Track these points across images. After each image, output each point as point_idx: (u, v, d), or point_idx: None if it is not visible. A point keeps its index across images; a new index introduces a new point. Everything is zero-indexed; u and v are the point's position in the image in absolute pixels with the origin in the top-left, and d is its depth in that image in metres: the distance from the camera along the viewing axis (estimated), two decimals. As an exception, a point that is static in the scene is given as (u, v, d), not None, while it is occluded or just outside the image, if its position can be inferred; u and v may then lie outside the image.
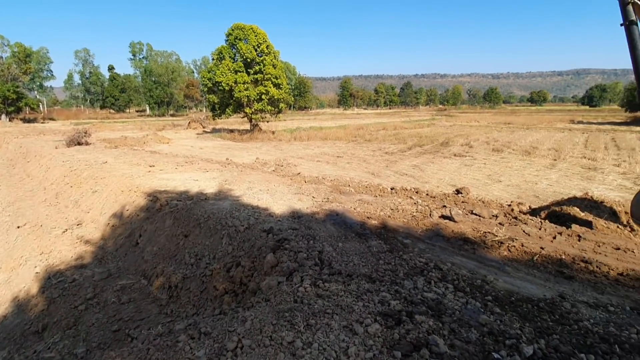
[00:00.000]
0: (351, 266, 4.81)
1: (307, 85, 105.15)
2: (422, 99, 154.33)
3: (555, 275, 4.68)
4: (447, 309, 3.71)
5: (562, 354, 3.04)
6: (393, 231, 6.24)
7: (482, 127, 45.41)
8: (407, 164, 19.16)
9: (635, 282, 4.48)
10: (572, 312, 3.71)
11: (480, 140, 28.81)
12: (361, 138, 31.09)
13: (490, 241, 5.67)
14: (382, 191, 11.01)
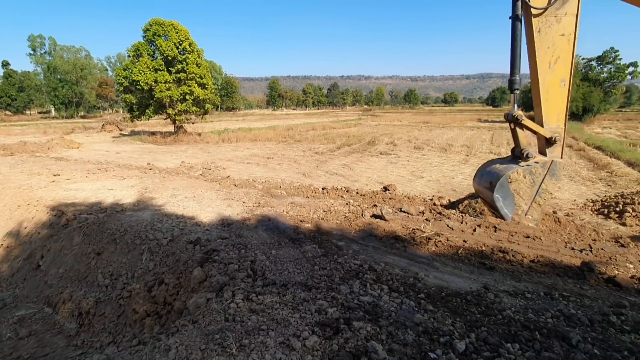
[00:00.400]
0: (286, 275, 4.61)
1: (234, 86, 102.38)
2: (349, 99, 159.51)
3: (478, 267, 4.98)
4: (383, 311, 3.69)
5: (491, 345, 3.17)
6: (327, 234, 6.18)
7: (404, 126, 48.21)
8: (337, 164, 19.49)
9: (545, 267, 4.94)
10: (496, 302, 3.93)
11: (403, 139, 30.49)
12: (291, 138, 31.01)
13: (419, 238, 5.87)
14: (314, 192, 10.99)
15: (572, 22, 6.27)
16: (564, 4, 6.15)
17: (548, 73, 6.47)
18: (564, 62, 6.45)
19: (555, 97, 6.61)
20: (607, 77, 50.28)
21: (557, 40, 6.33)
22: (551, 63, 6.43)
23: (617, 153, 20.20)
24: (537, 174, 6.65)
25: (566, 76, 6.52)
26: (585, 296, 4.15)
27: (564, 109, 6.71)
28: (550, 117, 6.69)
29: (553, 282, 4.55)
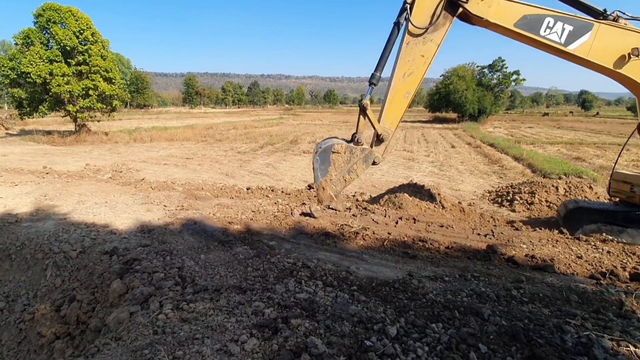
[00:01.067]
0: (218, 279, 4.45)
1: (146, 81, 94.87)
2: (270, 98, 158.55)
3: (402, 257, 5.36)
4: (320, 306, 3.78)
5: (419, 327, 3.45)
6: (258, 234, 6.10)
7: (325, 125, 49.51)
8: (261, 163, 19.30)
9: (458, 252, 5.51)
10: (420, 287, 4.28)
11: (325, 138, 31.30)
12: (211, 138, 29.83)
13: (347, 233, 6.11)
14: (239, 192, 10.76)
15: (433, 49, 7.08)
16: (434, 32, 6.93)
17: (400, 82, 7.21)
18: (415, 78, 7.22)
19: (397, 103, 7.37)
20: (497, 83, 57.47)
21: (417, 58, 7.10)
22: (405, 74, 7.18)
23: (506, 149, 23.28)
24: (355, 155, 7.36)
25: (412, 90, 7.32)
26: (492, 275, 4.74)
27: (400, 116, 7.51)
28: (387, 118, 7.40)
29: (465, 265, 5.10)
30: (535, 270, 5.02)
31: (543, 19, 6.70)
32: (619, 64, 6.79)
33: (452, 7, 6.79)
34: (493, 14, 6.72)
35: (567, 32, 6.71)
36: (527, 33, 6.76)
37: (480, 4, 6.69)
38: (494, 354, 3.09)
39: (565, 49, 6.78)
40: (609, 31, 6.72)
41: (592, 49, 6.75)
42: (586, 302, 4.07)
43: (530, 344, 3.20)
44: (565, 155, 22.05)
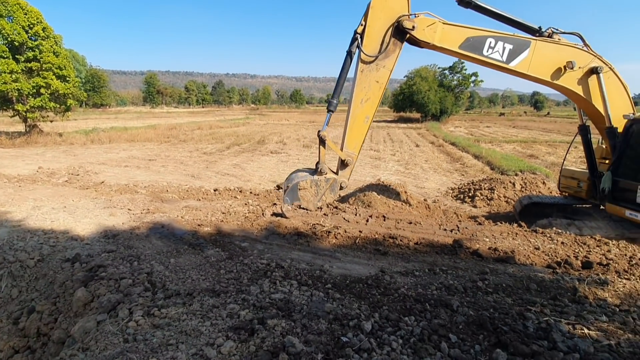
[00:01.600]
0: (190, 283, 4.36)
1: (103, 79, 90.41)
2: (235, 98, 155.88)
3: (374, 254, 5.49)
4: (295, 306, 3.80)
5: (392, 321, 3.56)
6: (229, 236, 6.02)
7: (292, 125, 49.42)
8: (228, 164, 18.98)
9: (426, 248, 5.71)
10: (392, 282, 4.41)
11: (292, 138, 31.27)
12: (175, 138, 28.95)
13: (319, 232, 6.16)
14: (206, 194, 10.55)
15: (387, 74, 7.43)
16: (385, 58, 7.28)
17: (358, 107, 7.53)
18: (372, 103, 7.57)
19: (358, 128, 7.69)
20: (457, 84, 59.80)
21: (373, 84, 7.44)
22: (363, 100, 7.51)
23: (467, 148, 24.30)
24: (321, 187, 7.66)
25: (370, 115, 7.66)
26: (459, 268, 4.96)
27: (361, 141, 7.85)
28: (349, 143, 7.73)
29: (434, 259, 5.31)
30: (498, 262, 5.30)
31: (485, 40, 7.17)
32: (556, 76, 7.36)
33: (400, 34, 7.13)
34: (439, 39, 7.14)
35: (507, 50, 7.22)
36: (471, 54, 7.23)
37: (426, 30, 7.07)
38: (463, 343, 3.26)
39: (507, 66, 7.29)
40: (545, 47, 7.29)
41: (531, 64, 7.29)
42: (544, 290, 4.36)
43: (496, 331, 3.39)
44: (521, 153, 23.34)
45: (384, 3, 7.09)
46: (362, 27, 7.15)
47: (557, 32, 7.56)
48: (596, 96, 7.46)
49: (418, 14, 7.12)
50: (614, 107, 7.46)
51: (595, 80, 7.35)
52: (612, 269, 4.97)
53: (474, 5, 7.51)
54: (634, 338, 3.41)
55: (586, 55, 7.36)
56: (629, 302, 4.09)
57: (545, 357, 3.06)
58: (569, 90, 7.57)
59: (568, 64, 7.25)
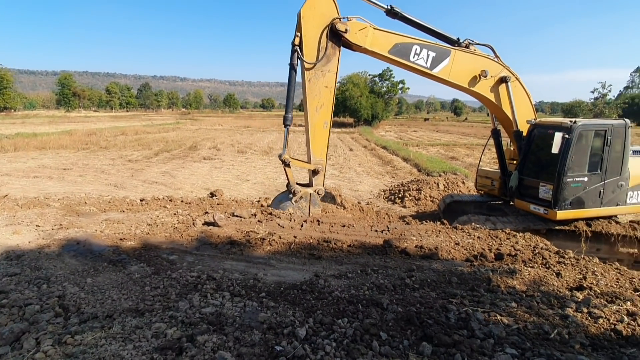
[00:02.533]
0: (110, 303, 4.00)
1: (6, 79, 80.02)
2: (164, 101, 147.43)
3: (308, 258, 5.52)
4: (228, 318, 3.68)
5: (326, 325, 3.60)
6: (156, 249, 5.64)
7: (226, 130, 48.10)
8: (156, 171, 17.88)
9: (359, 249, 5.89)
10: (326, 286, 4.47)
11: (226, 143, 30.42)
12: (95, 145, 26.56)
13: (254, 239, 6.05)
14: (131, 205, 9.81)
15: (333, 77, 7.85)
16: (328, 62, 7.67)
17: (315, 115, 7.89)
18: (327, 108, 7.96)
19: (320, 135, 8.08)
20: (386, 90, 62.90)
21: (323, 90, 7.82)
22: (317, 108, 7.87)
23: (397, 151, 25.64)
24: (304, 208, 8.04)
25: (328, 119, 8.06)
26: (389, 267, 5.19)
27: (326, 146, 8.26)
28: (315, 151, 8.10)
29: (366, 260, 5.49)
30: (424, 259, 5.65)
31: (411, 46, 7.85)
32: (473, 84, 8.22)
33: (335, 37, 7.55)
34: (370, 43, 7.67)
35: (431, 57, 7.95)
36: (399, 59, 7.85)
37: (358, 33, 7.57)
38: (392, 339, 3.40)
39: (430, 72, 8.02)
40: (463, 56, 8.12)
41: (451, 71, 8.08)
42: (464, 282, 4.73)
43: (422, 325, 3.60)
44: (443, 155, 25.20)
45: (313, 11, 7.37)
46: (297, 38, 7.43)
47: (473, 43, 8.38)
48: (505, 103, 8.37)
49: (350, 18, 7.52)
50: (519, 113, 8.41)
51: (505, 88, 8.25)
52: (519, 259, 5.56)
53: (401, 16, 8.10)
54: (538, 320, 3.84)
55: (497, 65, 8.23)
56: (534, 288, 4.60)
57: (465, 345, 3.31)
58: (483, 97, 8.40)
59: (482, 72, 8.06)
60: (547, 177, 7.53)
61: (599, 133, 7.38)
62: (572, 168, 7.26)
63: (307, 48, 7.47)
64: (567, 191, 7.27)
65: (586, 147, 7.37)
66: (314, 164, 7.98)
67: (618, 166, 7.50)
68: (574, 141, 7.14)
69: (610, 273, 5.15)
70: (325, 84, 7.76)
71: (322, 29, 7.44)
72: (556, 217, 7.30)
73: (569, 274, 5.01)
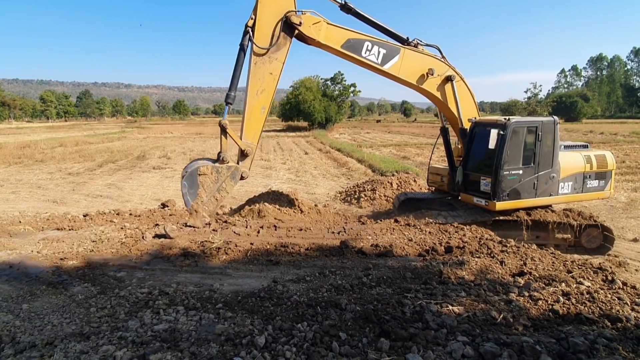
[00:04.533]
0: (50, 329, 3.69)
1: None
2: (107, 110, 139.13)
3: (266, 265, 5.45)
4: (182, 334, 3.54)
5: (286, 330, 3.58)
6: (101, 267, 5.30)
7: (177, 138, 46.34)
8: (101, 184, 16.83)
9: (316, 252, 5.92)
10: (284, 291, 4.44)
11: (177, 151, 29.32)
12: (29, 159, 24.46)
13: (209, 249, 5.87)
14: (73, 221, 9.16)
15: (279, 66, 7.89)
16: (277, 51, 7.73)
17: (254, 99, 7.88)
18: (267, 94, 7.98)
19: (255, 119, 8.06)
20: (338, 94, 63.93)
21: (267, 76, 7.84)
22: (258, 92, 7.88)
23: (351, 153, 26.11)
24: (222, 174, 7.85)
25: (266, 105, 8.08)
26: (346, 267, 5.26)
27: (260, 130, 8.22)
28: (248, 134, 8.04)
29: (324, 262, 5.52)
30: (380, 257, 5.79)
31: (363, 42, 8.10)
32: (421, 81, 8.61)
33: (289, 28, 7.64)
34: (324, 37, 7.83)
35: (382, 54, 8.23)
36: (351, 54, 8.07)
37: (312, 27, 7.71)
38: (352, 339, 3.45)
39: (381, 68, 8.30)
40: (412, 55, 8.47)
41: (401, 68, 8.39)
42: (417, 277, 4.92)
43: (379, 322, 3.68)
44: (396, 155, 26.06)
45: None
46: (252, 20, 7.43)
47: (421, 43, 8.78)
48: (451, 101, 8.83)
49: (305, 12, 7.63)
50: (464, 112, 8.91)
51: (450, 87, 8.71)
52: (467, 251, 5.88)
53: (354, 12, 8.34)
54: (486, 307, 4.08)
55: (443, 65, 8.67)
56: (481, 277, 4.88)
57: (420, 337, 3.44)
58: (432, 94, 8.81)
59: (429, 70, 8.47)
60: (487, 171, 8.04)
61: (530, 129, 8.00)
62: (508, 162, 7.81)
63: (259, 32, 7.49)
64: (504, 183, 7.81)
65: (520, 142, 7.96)
66: (244, 144, 7.85)
67: (549, 159, 8.17)
68: (509, 137, 7.68)
69: (547, 258, 5.59)
70: (271, 70, 7.77)
71: (277, 17, 7.53)
72: (495, 208, 7.82)
73: (511, 261, 5.38)
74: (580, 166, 8.57)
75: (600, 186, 8.91)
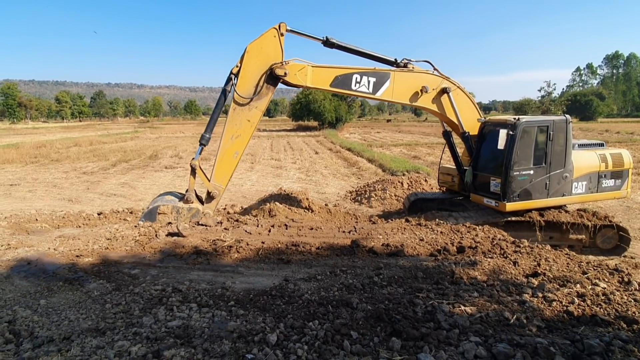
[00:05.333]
0: (67, 325, 3.78)
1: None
2: (120, 110, 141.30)
3: (277, 263, 5.48)
4: (196, 330, 3.58)
5: (297, 328, 3.59)
6: (116, 264, 5.40)
7: (188, 137, 46.83)
8: (114, 183, 17.11)
9: (327, 251, 5.92)
10: (296, 290, 4.46)
11: (189, 151, 29.62)
12: (45, 158, 25.00)
13: (220, 248, 5.93)
14: (88, 219, 9.35)
15: (258, 115, 7.98)
16: (258, 100, 7.79)
17: (228, 143, 7.93)
18: (242, 140, 8.03)
19: (227, 163, 8.07)
20: (349, 93, 63.83)
21: (244, 122, 7.91)
22: (233, 137, 7.93)
23: (361, 153, 26.05)
24: (182, 215, 7.87)
25: (240, 151, 8.09)
26: (357, 267, 5.26)
27: (230, 174, 8.24)
28: (217, 176, 8.05)
29: (335, 261, 5.53)
30: (391, 257, 5.77)
31: (351, 76, 8.06)
32: (415, 99, 8.59)
33: (273, 79, 7.71)
34: (311, 81, 7.87)
35: (372, 83, 8.20)
36: (342, 90, 8.11)
37: (298, 74, 7.71)
38: (363, 338, 3.45)
39: (374, 97, 8.30)
40: (402, 76, 8.46)
41: (394, 92, 8.39)
42: (429, 277, 4.89)
43: (391, 321, 3.68)
44: (406, 155, 25.90)
45: (259, 49, 7.53)
46: (237, 68, 7.55)
47: (411, 62, 8.74)
48: (449, 110, 8.77)
49: (288, 61, 7.65)
50: (464, 118, 8.83)
51: (447, 98, 8.65)
52: (479, 251, 5.82)
53: (337, 45, 8.32)
54: (499, 307, 4.04)
55: (436, 78, 8.60)
56: (493, 277, 4.83)
57: (432, 337, 3.42)
58: (427, 109, 8.81)
59: (423, 88, 8.42)
60: (496, 172, 7.92)
61: (542, 129, 7.87)
62: (518, 162, 7.68)
63: (242, 80, 7.60)
64: (515, 184, 7.70)
65: (530, 142, 7.83)
66: (212, 186, 7.91)
67: (562, 159, 8.02)
68: (518, 137, 7.57)
69: (561, 259, 5.50)
70: (249, 117, 7.86)
71: (262, 69, 7.62)
72: (506, 209, 7.70)
73: (524, 262, 5.31)
74: (595, 165, 8.38)
75: (617, 185, 8.70)
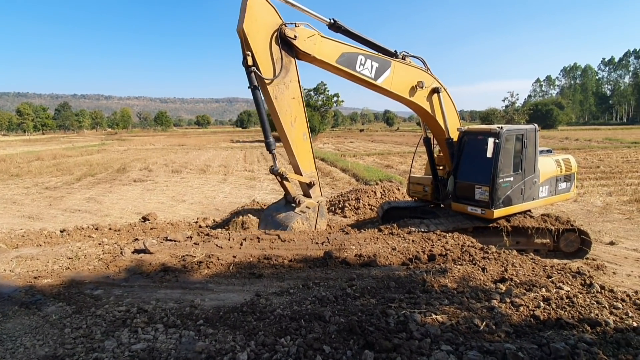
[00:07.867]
0: (22, 352, 3.53)
1: None
2: (86, 122, 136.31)
3: (249, 278, 5.36)
4: (161, 353, 3.43)
5: (269, 346, 3.51)
6: (78, 285, 5.11)
7: (159, 149, 45.70)
8: (79, 198, 16.40)
9: (300, 263, 5.86)
10: (267, 305, 4.37)
11: (159, 163, 28.88)
12: (4, 173, 23.70)
13: (190, 264, 5.75)
14: (49, 237, 8.89)
15: (297, 87, 7.87)
16: (287, 73, 7.58)
17: (292, 131, 7.87)
18: (301, 120, 8.01)
19: (302, 149, 8.14)
20: (322, 104, 64.37)
21: (291, 102, 7.81)
22: (292, 122, 7.86)
23: (335, 162, 26.21)
24: (312, 218, 8.09)
25: (305, 131, 8.14)
26: (330, 279, 5.22)
27: (312, 157, 8.35)
28: (304, 166, 8.16)
29: (307, 274, 5.47)
30: (364, 267, 5.78)
31: (357, 56, 8.01)
32: (412, 94, 8.66)
33: (287, 46, 7.42)
34: (318, 51, 7.62)
35: (375, 68, 8.20)
36: (346, 68, 7.93)
37: (307, 40, 7.49)
38: (336, 352, 3.40)
39: (375, 82, 8.24)
40: (401, 68, 8.56)
41: (393, 82, 8.44)
42: (401, 286, 4.91)
43: (364, 333, 3.65)
44: (379, 164, 26.27)
45: (255, 23, 7.12)
46: (249, 57, 7.11)
47: (408, 55, 8.86)
48: (438, 112, 8.94)
49: (298, 24, 7.39)
50: (450, 122, 9.03)
51: (437, 99, 8.83)
52: (449, 258, 5.93)
53: (344, 30, 8.27)
54: (469, 315, 4.10)
55: (429, 77, 8.80)
56: (463, 284, 4.91)
57: (405, 347, 3.42)
58: (420, 107, 8.82)
59: (419, 83, 8.54)
60: (482, 180, 8.15)
61: (518, 137, 8.25)
62: (502, 169, 7.99)
63: (262, 64, 7.23)
64: (500, 191, 7.97)
65: (510, 150, 8.17)
66: (308, 177, 8.03)
67: (532, 165, 8.45)
68: (502, 145, 7.87)
69: (527, 263, 5.68)
70: (292, 95, 7.72)
71: (270, 39, 7.25)
72: (493, 216, 7.95)
73: (492, 267, 5.44)
74: (553, 170, 8.93)
75: (567, 188, 9.37)
